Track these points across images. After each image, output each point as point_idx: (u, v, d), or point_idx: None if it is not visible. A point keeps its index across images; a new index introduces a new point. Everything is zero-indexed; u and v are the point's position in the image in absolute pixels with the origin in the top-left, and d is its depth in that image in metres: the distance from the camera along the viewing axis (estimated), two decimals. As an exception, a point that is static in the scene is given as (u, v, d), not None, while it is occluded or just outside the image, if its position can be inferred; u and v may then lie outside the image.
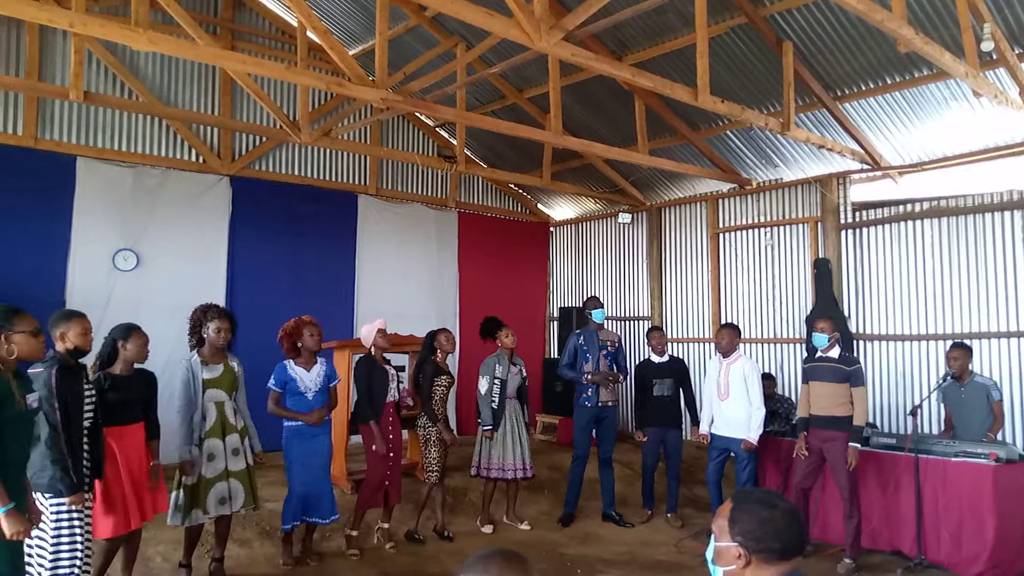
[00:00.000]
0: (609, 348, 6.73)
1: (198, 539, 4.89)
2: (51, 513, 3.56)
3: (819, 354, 5.78)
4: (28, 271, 6.90)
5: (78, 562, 3.61)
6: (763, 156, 8.22)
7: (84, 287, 7.22)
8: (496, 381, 6.24)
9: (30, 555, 3.50)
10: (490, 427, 6.16)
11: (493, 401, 6.21)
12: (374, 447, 5.44)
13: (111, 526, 4.12)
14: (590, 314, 6.83)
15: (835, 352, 5.72)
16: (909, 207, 7.44)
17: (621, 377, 6.71)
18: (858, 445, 5.42)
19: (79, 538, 3.61)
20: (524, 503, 6.79)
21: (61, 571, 3.56)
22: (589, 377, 6.58)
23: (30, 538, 3.44)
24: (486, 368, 6.31)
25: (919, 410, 5.79)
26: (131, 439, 4.29)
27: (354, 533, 5.61)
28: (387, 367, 5.73)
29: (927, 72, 6.32)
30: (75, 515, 3.62)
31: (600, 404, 6.60)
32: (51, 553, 3.54)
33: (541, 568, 5.40)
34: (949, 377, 5.85)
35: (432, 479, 5.92)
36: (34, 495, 3.44)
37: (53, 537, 3.55)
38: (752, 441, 6.03)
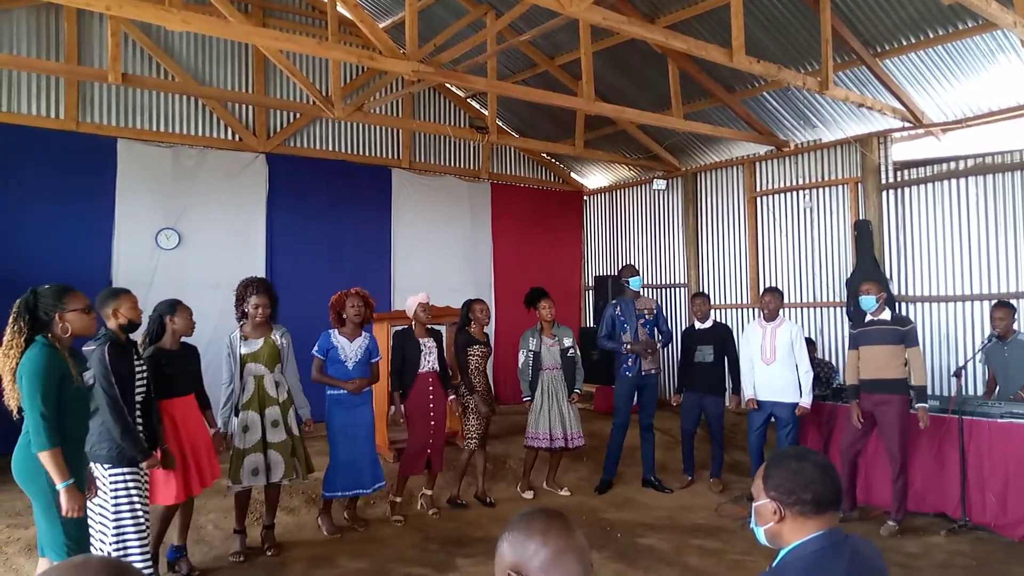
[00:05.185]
0: (647, 316, 6.71)
1: (247, 505, 5.06)
2: (110, 483, 3.67)
3: (869, 317, 5.64)
4: (75, 252, 7.11)
5: (143, 527, 3.73)
6: (801, 117, 8.05)
7: (129, 266, 7.42)
8: (530, 353, 6.35)
9: (92, 525, 3.59)
10: (528, 398, 6.31)
11: (527, 373, 6.33)
12: (393, 414, 5.73)
13: (172, 493, 4.29)
14: (626, 282, 6.80)
15: (886, 314, 5.60)
16: (952, 165, 7.25)
17: (659, 346, 6.71)
18: (926, 405, 5.35)
19: (139, 505, 3.73)
20: (564, 470, 6.86)
21: (128, 538, 3.67)
22: (628, 347, 6.58)
23: (91, 509, 3.58)
24: (523, 341, 6.46)
25: (963, 371, 5.71)
26: (186, 410, 4.49)
27: (398, 500, 5.74)
28: (425, 339, 5.80)
29: (972, 24, 6.10)
30: (132, 483, 3.73)
31: (643, 373, 6.61)
32: (113, 521, 3.65)
33: (581, 532, 5.46)
34: (993, 338, 5.72)
35: (471, 446, 6.05)
36: (92, 465, 3.56)
37: (114, 506, 3.66)
38: (806, 406, 5.96)
